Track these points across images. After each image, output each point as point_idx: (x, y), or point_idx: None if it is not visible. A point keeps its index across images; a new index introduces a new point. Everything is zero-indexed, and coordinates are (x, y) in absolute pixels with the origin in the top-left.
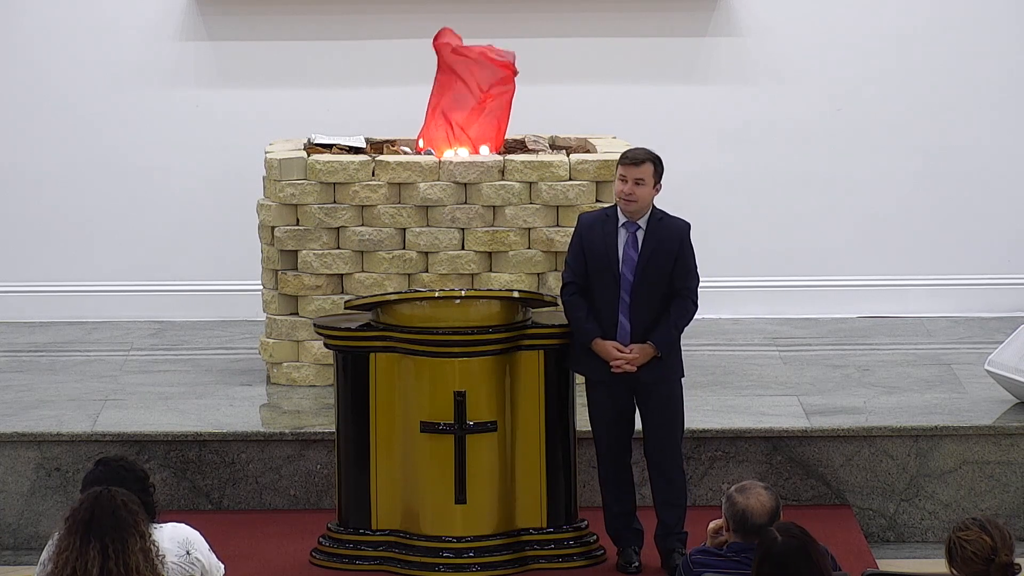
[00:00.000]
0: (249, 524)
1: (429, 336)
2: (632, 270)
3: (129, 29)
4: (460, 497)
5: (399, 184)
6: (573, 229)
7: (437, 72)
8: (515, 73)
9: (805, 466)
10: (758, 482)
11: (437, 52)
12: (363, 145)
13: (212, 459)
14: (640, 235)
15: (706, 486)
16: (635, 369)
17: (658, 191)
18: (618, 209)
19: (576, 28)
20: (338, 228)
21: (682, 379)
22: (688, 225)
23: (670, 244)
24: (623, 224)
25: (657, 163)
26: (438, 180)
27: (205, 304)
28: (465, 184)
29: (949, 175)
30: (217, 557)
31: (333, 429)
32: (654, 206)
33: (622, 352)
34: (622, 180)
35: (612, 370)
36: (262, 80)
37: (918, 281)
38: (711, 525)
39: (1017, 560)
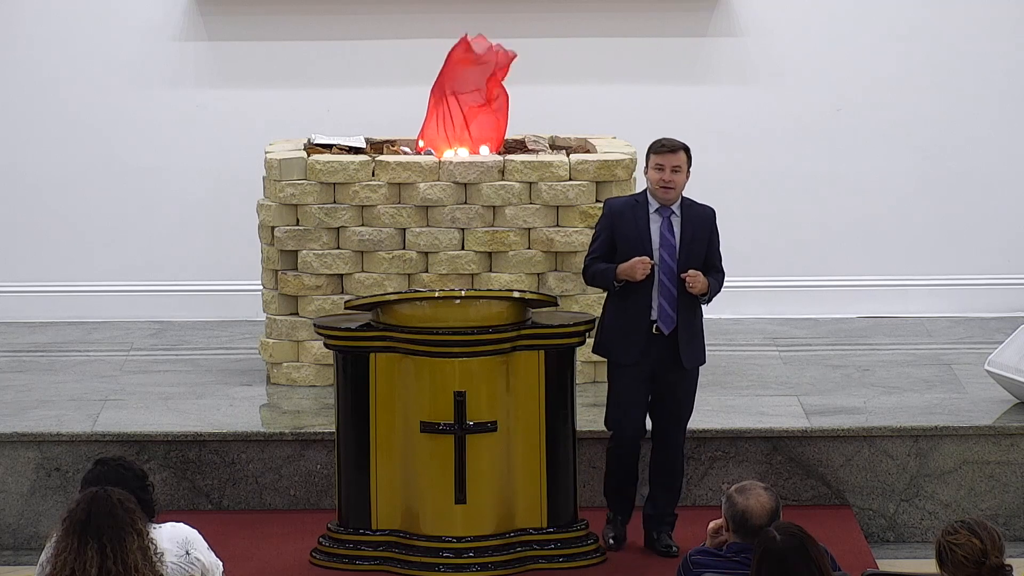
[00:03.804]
0: (249, 524)
1: (429, 336)
2: (671, 255)
3: (129, 29)
4: (460, 497)
5: (399, 184)
6: (600, 216)
7: (439, 77)
8: (504, 77)
9: (805, 466)
10: (758, 482)
11: (447, 59)
12: (363, 145)
13: (212, 459)
14: (676, 221)
15: (706, 486)
16: (697, 287)
17: (688, 178)
18: (648, 196)
19: (576, 28)
20: (338, 228)
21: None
22: (714, 211)
23: (704, 229)
24: (656, 210)
25: (688, 151)
26: (438, 180)
27: (205, 304)
28: (465, 184)
29: (949, 175)
30: (216, 556)
31: (333, 429)
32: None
33: (690, 274)
34: (658, 169)
35: (684, 282)
36: (262, 80)
37: (918, 281)
38: (711, 525)
39: (1011, 560)
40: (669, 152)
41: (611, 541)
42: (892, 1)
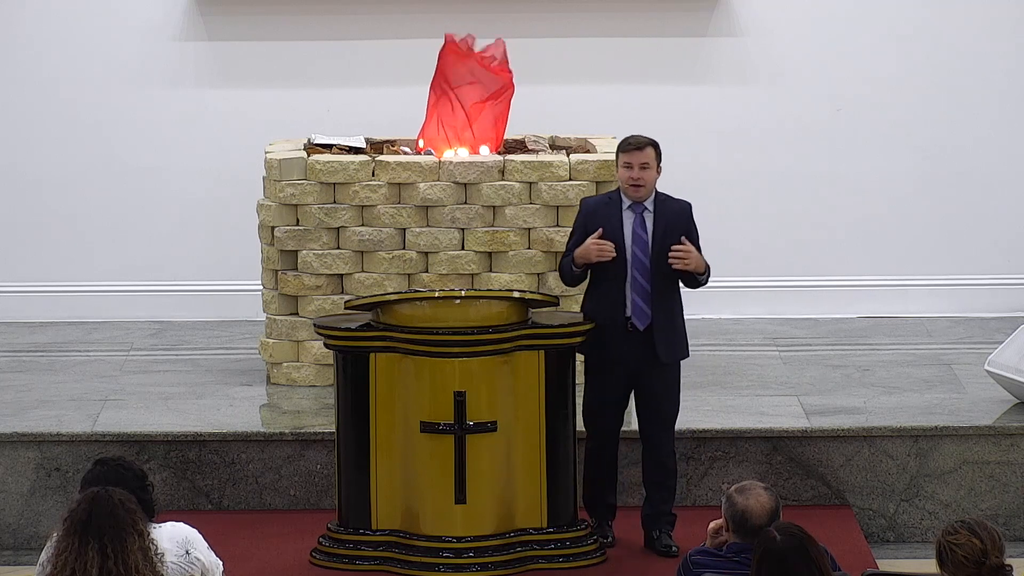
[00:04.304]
0: (249, 524)
1: (429, 336)
2: (644, 251)
3: (129, 29)
4: (460, 497)
5: (399, 184)
6: (575, 216)
7: (436, 75)
8: (511, 74)
9: (805, 466)
10: (758, 482)
11: (440, 59)
12: (363, 145)
13: (212, 459)
14: (648, 217)
15: (706, 486)
16: (691, 264)
17: (660, 173)
18: (621, 193)
19: (576, 28)
20: (338, 228)
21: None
22: (690, 204)
23: (678, 223)
24: (629, 206)
25: (657, 146)
26: (438, 180)
27: (205, 304)
28: (465, 184)
29: (949, 175)
30: (216, 556)
31: (333, 429)
32: (656, 188)
33: (680, 248)
34: (627, 167)
35: (670, 260)
36: (262, 80)
37: (918, 281)
38: (711, 525)
39: (1011, 560)
40: (636, 150)
41: (673, 550)
42: (892, 1)
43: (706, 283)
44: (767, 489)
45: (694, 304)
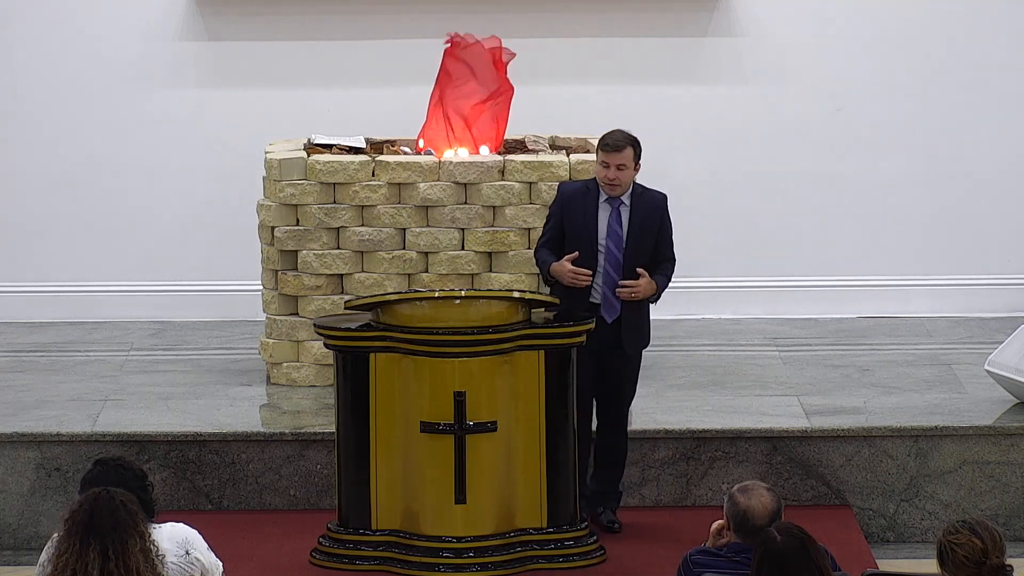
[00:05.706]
0: (249, 524)
1: (429, 336)
2: (618, 245)
3: (129, 29)
4: (460, 497)
5: (399, 184)
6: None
7: (440, 70)
8: (506, 72)
9: (805, 466)
10: (760, 482)
11: (444, 54)
12: (363, 145)
13: (212, 459)
14: (624, 211)
15: (706, 486)
16: (639, 296)
17: (638, 170)
18: (599, 185)
19: (576, 28)
20: (338, 228)
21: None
22: (665, 196)
23: (654, 216)
24: (606, 199)
25: (636, 145)
26: (438, 180)
27: (205, 304)
28: (465, 184)
29: (949, 175)
30: (216, 556)
31: (333, 429)
32: (634, 181)
33: (627, 284)
34: (604, 166)
35: (616, 291)
36: (262, 80)
37: (918, 281)
38: (713, 526)
39: (1011, 561)
40: (614, 151)
41: (616, 527)
42: (892, 1)
43: (660, 297)
44: (769, 489)
45: (694, 304)
